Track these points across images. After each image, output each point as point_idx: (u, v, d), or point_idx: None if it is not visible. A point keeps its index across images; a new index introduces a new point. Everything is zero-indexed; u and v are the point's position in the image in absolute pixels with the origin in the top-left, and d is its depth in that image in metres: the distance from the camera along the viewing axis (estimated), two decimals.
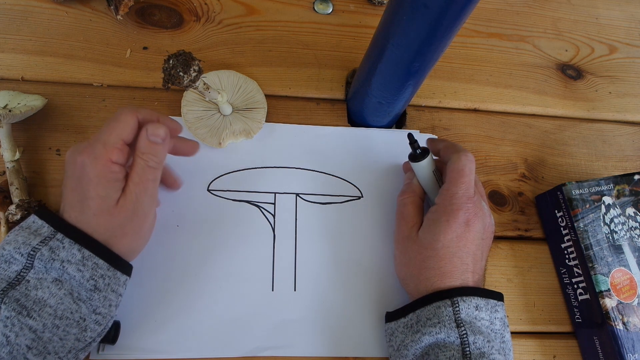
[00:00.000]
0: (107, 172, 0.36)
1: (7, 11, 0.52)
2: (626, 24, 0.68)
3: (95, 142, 0.36)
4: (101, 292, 0.36)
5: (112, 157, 0.36)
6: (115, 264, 0.37)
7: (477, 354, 0.36)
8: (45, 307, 0.33)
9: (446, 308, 0.38)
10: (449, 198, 0.41)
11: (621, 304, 0.45)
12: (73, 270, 0.35)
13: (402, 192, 0.46)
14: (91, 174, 0.35)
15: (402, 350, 0.39)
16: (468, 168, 0.41)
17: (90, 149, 0.36)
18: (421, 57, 0.41)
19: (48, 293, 0.34)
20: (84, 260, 0.35)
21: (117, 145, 0.36)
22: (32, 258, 0.34)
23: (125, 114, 0.37)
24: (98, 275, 0.36)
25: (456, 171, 0.41)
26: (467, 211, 0.40)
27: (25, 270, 0.34)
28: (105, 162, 0.36)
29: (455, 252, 0.40)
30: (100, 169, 0.35)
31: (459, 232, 0.40)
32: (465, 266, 0.40)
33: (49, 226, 0.36)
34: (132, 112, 0.38)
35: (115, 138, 0.36)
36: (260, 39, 0.56)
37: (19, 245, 0.34)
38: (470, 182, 0.41)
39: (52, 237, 0.35)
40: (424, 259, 0.40)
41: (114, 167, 0.36)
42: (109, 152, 0.36)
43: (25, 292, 0.33)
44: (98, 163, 0.35)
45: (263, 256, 0.46)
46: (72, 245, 0.35)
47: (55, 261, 0.34)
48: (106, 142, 0.36)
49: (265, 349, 0.43)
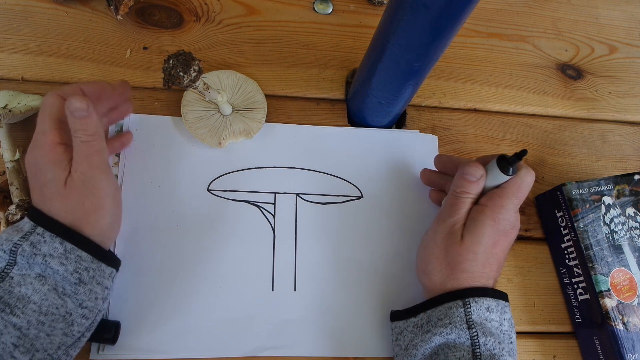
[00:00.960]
0: (52, 154, 0.36)
1: (7, 11, 0.52)
2: (626, 24, 0.68)
3: (35, 135, 0.37)
4: (86, 285, 0.36)
5: (54, 139, 0.36)
6: (99, 257, 0.37)
7: (488, 355, 0.36)
8: (29, 303, 0.33)
9: (458, 309, 0.38)
10: (498, 205, 0.40)
11: (621, 304, 0.45)
12: (56, 264, 0.34)
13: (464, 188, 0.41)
14: (40, 162, 0.36)
15: (410, 350, 0.39)
16: (526, 185, 0.40)
17: (33, 144, 0.37)
18: (421, 57, 0.41)
19: (32, 289, 0.34)
20: (66, 254, 0.35)
21: (54, 126, 0.36)
22: (15, 254, 0.34)
23: (48, 98, 0.37)
24: (82, 268, 0.35)
25: (517, 186, 0.40)
26: (509, 220, 0.40)
27: (8, 267, 0.34)
28: (49, 146, 0.36)
29: (488, 259, 0.40)
30: (46, 154, 0.36)
31: (497, 238, 0.40)
32: (491, 273, 0.40)
33: (30, 221, 0.36)
34: (54, 93, 0.37)
35: (49, 121, 0.36)
36: (260, 39, 0.56)
37: (1, 242, 0.34)
38: (522, 199, 0.40)
39: (32, 232, 0.35)
40: (462, 261, 0.40)
41: (58, 148, 0.36)
42: (49, 136, 0.36)
43: (9, 289, 0.33)
44: (43, 150, 0.36)
45: (263, 256, 0.46)
46: (53, 239, 0.35)
47: (37, 256, 0.34)
48: (44, 130, 0.36)
49: (265, 349, 0.43)
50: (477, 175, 0.41)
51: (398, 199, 0.50)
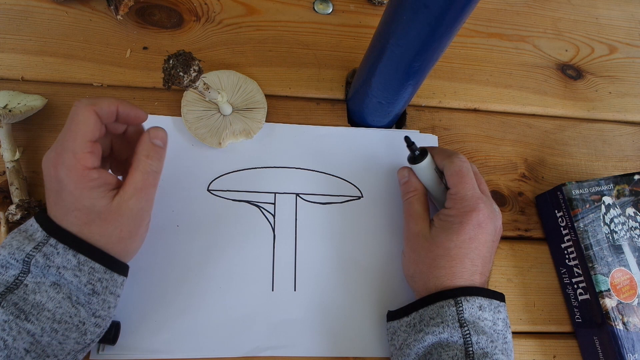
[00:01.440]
0: (86, 181, 0.33)
1: (7, 11, 0.52)
2: (626, 24, 0.68)
3: (63, 152, 0.33)
4: (99, 295, 0.35)
5: (86, 164, 0.33)
6: (111, 267, 0.36)
7: (480, 354, 0.36)
8: (43, 310, 0.33)
9: (450, 308, 0.38)
10: (459, 201, 0.41)
11: (621, 304, 0.45)
12: (70, 276, 0.34)
13: (405, 191, 0.46)
14: (70, 187, 0.33)
15: (404, 349, 0.39)
16: (465, 168, 0.42)
17: (60, 160, 0.33)
18: (421, 57, 0.41)
19: (46, 297, 0.33)
20: (80, 266, 0.34)
21: (86, 149, 0.34)
22: (28, 264, 0.33)
23: (82, 112, 0.34)
24: (95, 279, 0.35)
25: (455, 174, 0.41)
26: (480, 212, 0.40)
27: (22, 275, 0.33)
28: (81, 171, 0.33)
29: (466, 254, 0.40)
30: (78, 180, 0.33)
31: (472, 234, 0.40)
32: (475, 267, 0.40)
33: (42, 230, 0.35)
34: (89, 108, 0.34)
35: (82, 142, 0.33)
36: (260, 39, 0.56)
37: (13, 251, 0.34)
38: (472, 181, 0.41)
39: (45, 243, 0.34)
40: (435, 257, 0.40)
41: (91, 174, 0.34)
42: (81, 160, 0.33)
43: (24, 296, 0.33)
44: (73, 174, 0.33)
45: (263, 256, 0.46)
46: (66, 251, 0.34)
47: (51, 267, 0.34)
48: (75, 150, 0.33)
49: (265, 349, 0.43)
50: (405, 174, 0.46)
51: (398, 199, 0.50)
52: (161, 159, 0.37)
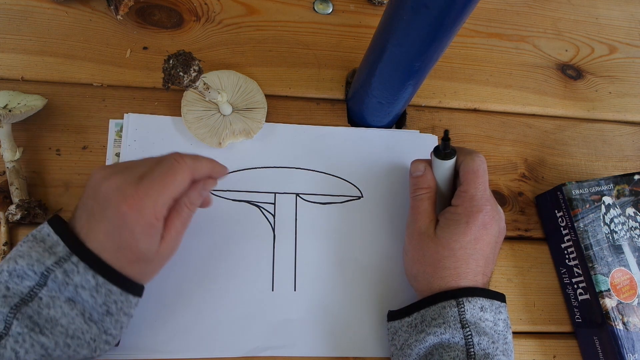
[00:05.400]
0: (153, 230, 0.35)
1: (7, 11, 0.52)
2: (626, 24, 0.68)
3: (145, 198, 0.34)
4: (113, 316, 0.35)
5: (159, 217, 0.35)
6: (128, 289, 0.36)
7: (482, 355, 0.36)
8: (57, 325, 0.33)
9: (451, 308, 0.38)
10: (468, 200, 0.40)
11: (621, 304, 0.45)
12: (86, 296, 0.34)
13: (416, 186, 0.44)
14: (135, 229, 0.34)
15: (405, 350, 0.39)
16: (482, 169, 0.41)
17: (137, 201, 0.34)
18: (421, 57, 0.41)
19: (60, 312, 0.33)
20: (97, 287, 0.34)
21: (167, 205, 0.35)
22: (46, 278, 0.33)
23: (183, 172, 0.36)
24: (111, 300, 0.35)
25: (471, 172, 0.41)
26: (486, 214, 0.40)
27: (38, 287, 0.33)
28: (152, 219, 0.34)
29: (471, 254, 0.40)
30: (145, 225, 0.34)
31: (477, 234, 0.40)
32: (478, 268, 0.40)
33: (65, 246, 0.34)
34: (190, 170, 0.36)
35: (167, 198, 0.35)
36: (260, 39, 0.56)
37: (32, 262, 0.33)
38: (486, 183, 0.41)
39: (67, 259, 0.34)
40: (440, 258, 0.40)
41: (158, 223, 0.35)
42: (158, 212, 0.35)
43: (38, 310, 0.33)
44: (144, 219, 0.34)
45: (263, 256, 0.46)
46: (86, 271, 0.34)
47: (69, 285, 0.34)
48: (157, 202, 0.34)
49: (265, 349, 0.43)
50: (421, 169, 0.43)
51: (398, 199, 0.50)
52: (199, 202, 0.39)
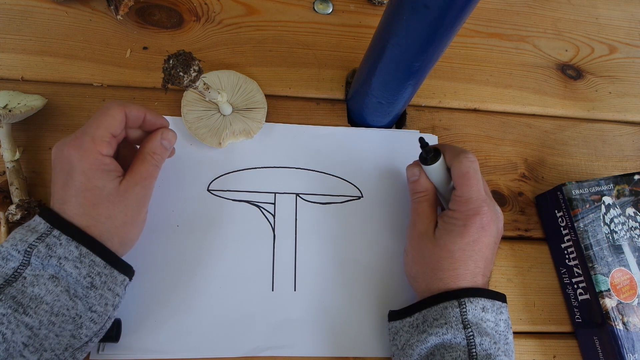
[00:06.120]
0: (99, 164, 0.37)
1: (7, 11, 0.52)
2: (626, 24, 0.68)
3: (83, 136, 0.37)
4: (97, 289, 0.36)
5: (102, 151, 0.37)
6: (112, 263, 0.37)
7: (484, 355, 0.36)
8: (41, 303, 0.33)
9: (453, 309, 0.38)
10: (464, 204, 0.40)
11: (621, 304, 0.45)
12: (70, 267, 0.35)
13: (414, 190, 0.45)
14: (83, 167, 0.36)
15: (406, 350, 0.39)
16: (472, 169, 0.41)
17: (77, 142, 0.36)
18: (421, 57, 0.41)
19: (45, 290, 0.34)
20: (81, 257, 0.35)
21: (105, 139, 0.37)
22: (29, 255, 0.34)
23: (115, 109, 0.38)
24: (95, 272, 0.36)
25: (461, 176, 0.41)
26: (484, 216, 0.40)
27: (22, 267, 0.34)
28: (96, 155, 0.36)
29: (470, 256, 0.40)
30: (92, 162, 0.36)
31: (475, 236, 0.40)
32: (477, 269, 0.40)
33: (45, 222, 0.36)
34: (121, 107, 0.38)
35: (104, 132, 0.37)
36: (260, 39, 0.56)
37: (15, 242, 0.34)
38: (479, 183, 0.41)
39: (48, 234, 0.35)
40: (438, 259, 0.40)
41: (105, 159, 0.37)
42: (98, 146, 0.37)
43: (22, 289, 0.33)
44: (88, 156, 0.36)
45: (263, 256, 0.46)
46: (69, 242, 0.35)
47: (52, 258, 0.34)
48: (95, 136, 0.37)
49: (265, 349, 0.43)
50: (416, 173, 0.45)
51: (398, 199, 0.50)
52: (164, 157, 0.41)
